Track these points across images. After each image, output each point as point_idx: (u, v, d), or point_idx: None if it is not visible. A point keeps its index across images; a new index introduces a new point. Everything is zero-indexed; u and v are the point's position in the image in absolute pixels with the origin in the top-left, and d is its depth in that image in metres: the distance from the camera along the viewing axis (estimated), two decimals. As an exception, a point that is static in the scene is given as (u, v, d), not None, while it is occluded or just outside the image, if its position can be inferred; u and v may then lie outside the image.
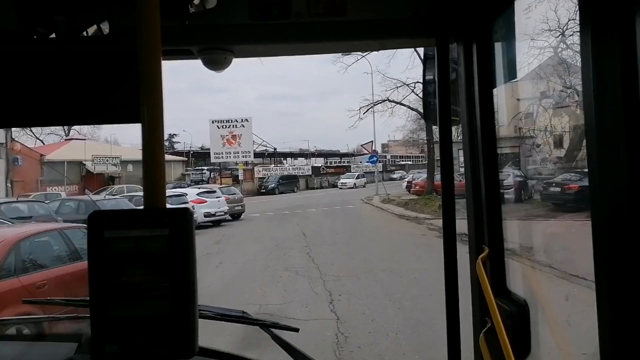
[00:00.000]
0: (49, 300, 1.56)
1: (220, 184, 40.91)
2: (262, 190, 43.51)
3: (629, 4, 0.67)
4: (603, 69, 0.69)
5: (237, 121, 43.88)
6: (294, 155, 61.45)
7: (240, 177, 44.21)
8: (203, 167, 47.56)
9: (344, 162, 63.37)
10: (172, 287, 0.78)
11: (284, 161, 58.08)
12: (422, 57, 1.51)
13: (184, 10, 1.22)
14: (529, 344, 1.20)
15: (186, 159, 48.60)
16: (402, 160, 75.81)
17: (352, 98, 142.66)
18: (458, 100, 1.37)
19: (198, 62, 1.40)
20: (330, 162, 62.90)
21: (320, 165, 57.83)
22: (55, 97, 1.19)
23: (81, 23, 1.24)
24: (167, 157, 42.62)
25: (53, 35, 1.23)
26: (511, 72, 1.33)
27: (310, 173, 52.32)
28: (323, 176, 53.68)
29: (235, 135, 43.16)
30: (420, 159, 75.66)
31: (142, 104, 0.85)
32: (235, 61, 1.42)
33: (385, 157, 73.80)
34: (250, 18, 1.29)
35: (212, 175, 45.05)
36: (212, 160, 44.78)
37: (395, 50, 19.33)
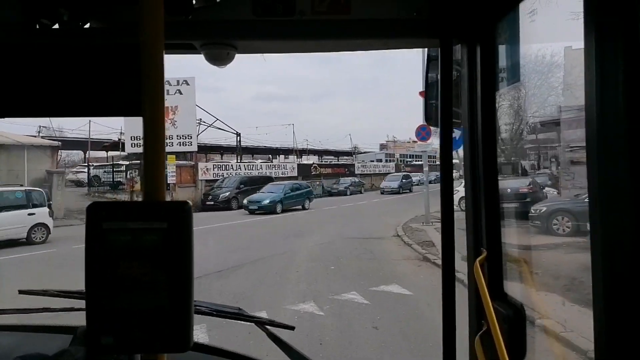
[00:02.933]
0: (45, 292, 1.55)
1: (132, 189, 24.36)
2: (208, 203, 25.50)
3: (633, 8, 0.67)
4: (606, 72, 0.69)
5: (169, 84, 25.60)
6: (280, 151, 47.43)
7: (171, 180, 25.44)
8: (121, 163, 30.02)
9: (341, 161, 51.55)
10: (168, 280, 0.78)
11: (274, 160, 44.53)
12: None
13: (188, 5, 1.22)
14: (524, 348, 1.20)
15: (57, 144, 26.70)
16: (416, 160, 59.97)
17: (347, 100, 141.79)
18: (460, 102, 1.37)
19: (190, 61, 1.44)
20: (327, 161, 49.22)
21: (311, 162, 42.29)
22: (57, 89, 1.18)
23: (84, 15, 1.24)
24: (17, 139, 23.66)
25: (56, 27, 1.23)
26: (514, 75, 1.33)
27: (297, 174, 35.36)
28: (315, 178, 36.70)
29: (167, 108, 19.50)
30: (435, 159, 69.03)
31: (143, 98, 0.86)
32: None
33: (393, 155, 62.52)
34: (254, 14, 1.29)
35: (130, 176, 26.16)
36: (128, 150, 27.00)
37: None
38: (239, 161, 34.67)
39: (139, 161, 25.35)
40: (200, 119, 30.55)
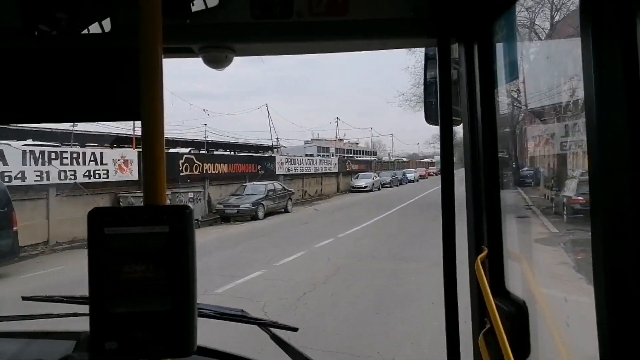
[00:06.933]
0: (48, 297, 1.56)
1: None
2: None
3: (629, 5, 0.67)
4: (604, 69, 0.68)
5: None
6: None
7: None
8: None
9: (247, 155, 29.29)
10: (171, 284, 0.79)
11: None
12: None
13: (186, 9, 1.21)
14: (528, 345, 1.20)
15: None
16: (360, 155, 55.41)
17: (279, 98, 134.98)
18: (459, 100, 1.37)
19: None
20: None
21: (183, 153, 21.62)
22: (56, 94, 1.19)
23: (83, 20, 1.24)
24: None
25: (55, 33, 1.22)
26: (512, 73, 1.34)
27: (137, 175, 17.14)
28: (193, 184, 19.77)
29: None
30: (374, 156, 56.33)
31: (142, 101, 0.86)
32: None
33: (327, 150, 52.78)
34: (252, 17, 1.29)
35: None
36: None
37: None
38: None
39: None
40: None
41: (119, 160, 17.13)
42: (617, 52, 0.67)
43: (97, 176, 16.34)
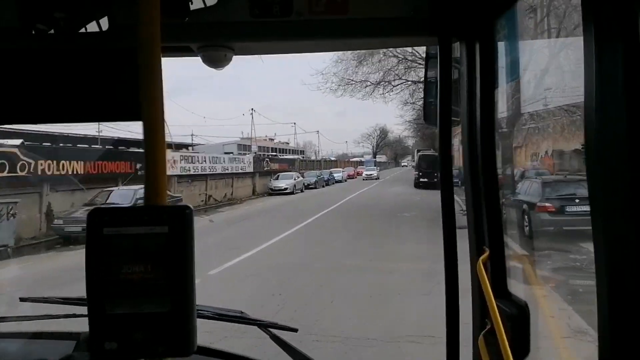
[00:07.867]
0: (47, 299, 1.58)
1: None
2: None
3: (629, 5, 0.67)
4: (605, 69, 0.68)
5: None
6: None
7: None
8: None
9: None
10: (171, 285, 0.79)
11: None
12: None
13: (185, 7, 1.22)
14: (528, 346, 1.21)
15: None
16: (285, 154, 52.93)
17: (202, 97, 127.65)
18: (459, 100, 1.36)
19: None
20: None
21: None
22: (55, 95, 1.18)
23: (81, 20, 1.24)
24: None
25: (53, 32, 1.23)
26: (513, 72, 1.36)
27: None
28: None
29: None
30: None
31: (142, 101, 0.86)
32: None
33: (249, 148, 48.78)
34: (251, 15, 1.29)
35: None
36: None
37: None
38: None
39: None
40: None
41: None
42: (617, 52, 0.67)
43: None
